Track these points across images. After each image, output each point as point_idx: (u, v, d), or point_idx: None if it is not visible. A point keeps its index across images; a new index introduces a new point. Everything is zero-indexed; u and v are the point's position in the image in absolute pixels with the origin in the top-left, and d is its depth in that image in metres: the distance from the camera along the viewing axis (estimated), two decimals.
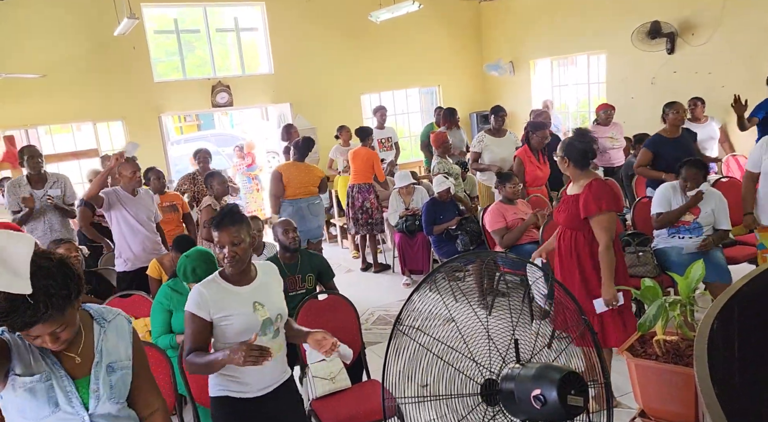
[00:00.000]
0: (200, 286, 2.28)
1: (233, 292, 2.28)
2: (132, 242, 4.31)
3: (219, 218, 2.25)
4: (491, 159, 5.95)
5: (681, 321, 2.53)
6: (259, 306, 2.29)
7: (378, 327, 4.99)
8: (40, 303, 1.46)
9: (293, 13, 8.94)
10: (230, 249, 2.21)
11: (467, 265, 4.99)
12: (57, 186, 4.73)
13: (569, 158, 3.27)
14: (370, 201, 6.43)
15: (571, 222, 3.29)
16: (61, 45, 7.72)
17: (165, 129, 8.85)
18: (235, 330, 2.24)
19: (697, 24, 6.89)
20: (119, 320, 1.76)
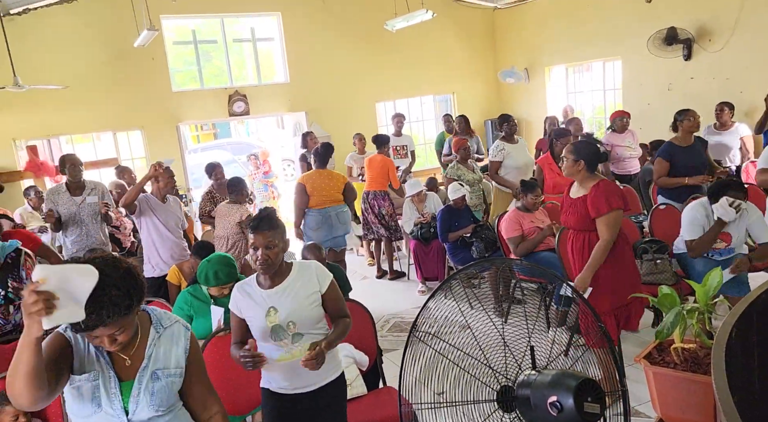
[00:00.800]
0: (237, 286, 2.44)
1: (254, 295, 2.37)
2: (161, 248, 4.42)
3: (257, 222, 2.32)
4: (513, 165, 6.00)
5: (699, 329, 2.51)
6: (273, 312, 2.33)
7: (393, 334, 5.00)
8: (104, 310, 1.52)
9: (309, 23, 9.03)
10: (263, 252, 2.28)
11: (483, 272, 4.98)
12: (94, 193, 4.83)
13: (584, 161, 3.28)
14: (386, 208, 6.46)
15: (581, 224, 3.33)
16: (83, 57, 7.88)
17: (183, 138, 8.97)
18: (254, 330, 2.37)
19: (714, 30, 6.84)
20: (176, 327, 1.80)
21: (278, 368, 2.38)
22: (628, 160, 6.57)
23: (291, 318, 2.34)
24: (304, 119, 9.21)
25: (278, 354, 2.36)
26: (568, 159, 3.35)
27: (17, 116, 7.58)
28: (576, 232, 3.41)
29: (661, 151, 5.07)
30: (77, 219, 4.73)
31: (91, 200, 4.81)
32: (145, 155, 8.49)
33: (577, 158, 3.31)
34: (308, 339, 2.35)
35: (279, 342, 2.33)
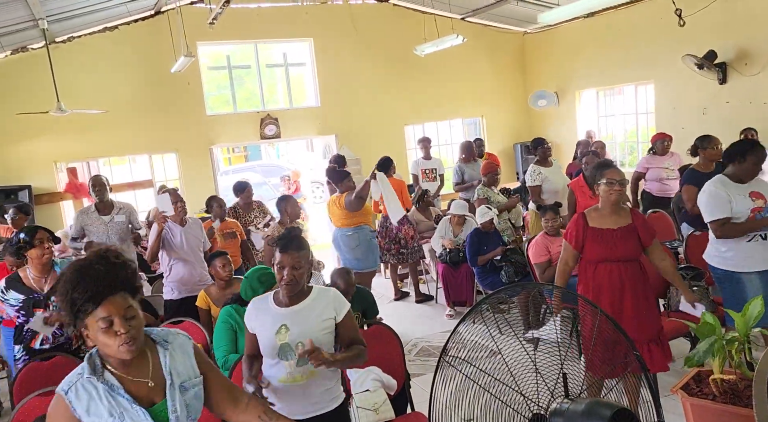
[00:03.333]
0: (253, 301, 2.47)
1: (269, 310, 2.38)
2: (180, 271, 4.44)
3: (286, 241, 2.34)
4: (552, 189, 5.98)
5: (739, 360, 2.43)
6: (284, 330, 2.32)
7: (421, 359, 4.95)
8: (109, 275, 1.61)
9: (340, 48, 9.21)
10: (290, 272, 2.29)
11: (513, 297, 4.92)
12: (122, 213, 4.98)
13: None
14: (404, 231, 6.44)
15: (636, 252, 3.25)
16: (122, 82, 8.16)
17: (215, 160, 9.16)
18: (261, 345, 2.37)
19: (751, 53, 6.73)
20: (181, 339, 1.80)
21: (279, 391, 2.34)
22: (666, 181, 6.44)
23: (301, 338, 2.30)
24: (334, 142, 9.33)
25: (281, 375, 2.34)
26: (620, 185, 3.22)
27: (59, 139, 7.87)
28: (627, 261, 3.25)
29: (688, 178, 4.92)
30: (106, 239, 4.88)
31: (119, 219, 4.96)
32: (178, 177, 8.69)
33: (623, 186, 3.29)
34: (312, 370, 2.32)
35: (284, 362, 2.32)
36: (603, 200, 3.26)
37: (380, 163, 6.43)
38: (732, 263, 3.57)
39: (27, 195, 7.43)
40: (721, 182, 3.52)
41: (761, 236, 3.47)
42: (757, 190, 3.48)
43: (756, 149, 3.47)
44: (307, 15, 9.03)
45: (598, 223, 3.26)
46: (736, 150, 3.50)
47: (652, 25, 7.77)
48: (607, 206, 3.25)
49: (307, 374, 2.34)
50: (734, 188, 3.47)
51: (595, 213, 3.30)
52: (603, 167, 3.27)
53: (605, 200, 3.24)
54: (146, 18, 8.18)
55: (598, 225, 3.25)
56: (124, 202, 5.26)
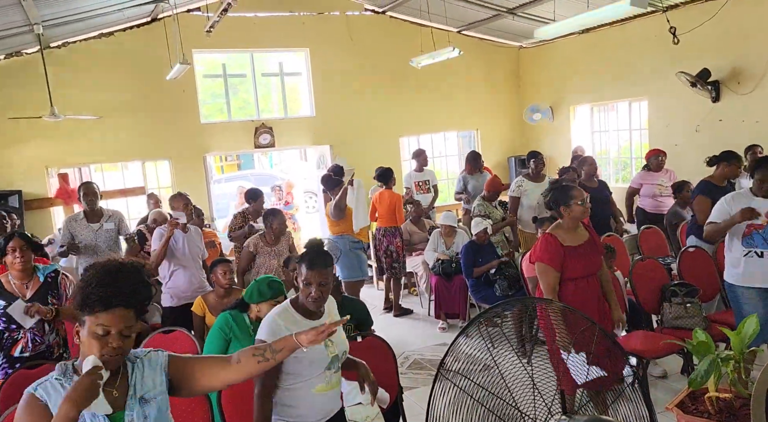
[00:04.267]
0: (275, 315, 2.34)
1: (307, 324, 2.30)
2: (180, 278, 4.43)
3: (312, 257, 2.32)
4: (529, 204, 5.96)
5: (735, 378, 2.41)
6: (330, 343, 2.33)
7: (413, 372, 4.91)
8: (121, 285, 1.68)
9: (336, 59, 9.23)
10: (317, 289, 2.28)
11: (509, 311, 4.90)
12: (111, 220, 4.96)
13: None
14: (395, 245, 6.44)
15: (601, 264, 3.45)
16: (117, 88, 8.12)
17: (209, 168, 9.12)
18: (307, 363, 2.30)
19: (743, 72, 6.81)
20: (151, 354, 1.85)
21: (302, 399, 2.34)
22: (660, 198, 6.47)
23: (343, 348, 2.40)
24: (329, 152, 9.32)
25: (318, 385, 2.35)
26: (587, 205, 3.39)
27: (51, 144, 7.80)
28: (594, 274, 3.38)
29: (702, 189, 4.88)
30: (94, 246, 4.85)
31: (108, 226, 4.94)
32: (171, 185, 8.63)
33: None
34: (339, 368, 2.41)
35: (328, 372, 2.35)
36: (572, 218, 3.34)
37: (380, 173, 6.51)
38: (734, 276, 3.68)
39: (17, 200, 7.34)
40: (737, 196, 3.69)
41: (756, 253, 3.50)
42: (762, 208, 3.52)
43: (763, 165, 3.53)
44: (304, 25, 9.05)
45: (567, 241, 3.32)
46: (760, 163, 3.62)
47: (646, 43, 7.85)
48: (573, 224, 3.36)
49: (337, 377, 2.41)
50: (743, 203, 3.56)
51: (560, 231, 3.36)
52: (570, 189, 3.37)
53: (575, 218, 3.35)
54: (142, 25, 8.16)
55: (569, 243, 3.32)
56: (113, 209, 5.24)
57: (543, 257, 3.30)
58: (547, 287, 3.30)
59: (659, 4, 7.01)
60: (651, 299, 4.33)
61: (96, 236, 4.90)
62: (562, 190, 3.38)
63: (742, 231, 3.57)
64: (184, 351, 3.58)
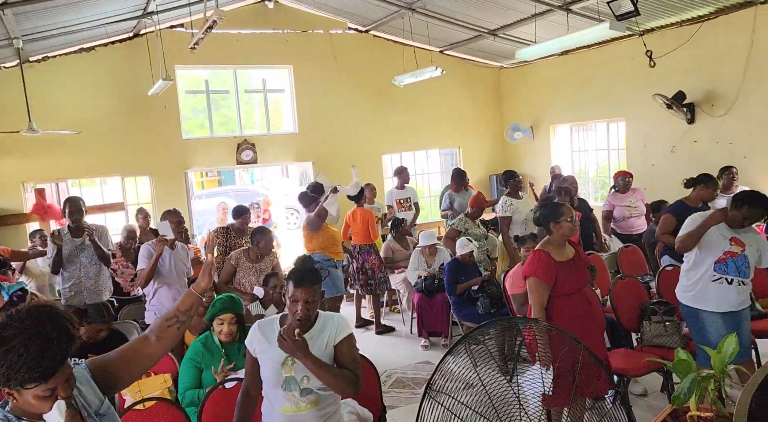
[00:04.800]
0: (258, 323, 2.41)
1: (274, 339, 2.30)
2: (165, 295, 4.38)
3: (300, 274, 2.30)
4: (520, 220, 6.09)
5: (715, 397, 2.44)
6: (290, 362, 2.28)
7: (396, 390, 4.87)
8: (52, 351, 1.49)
9: (319, 76, 9.28)
10: (304, 307, 2.26)
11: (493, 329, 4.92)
12: (95, 235, 4.89)
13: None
14: (371, 262, 6.44)
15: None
16: (97, 103, 8.05)
17: (190, 184, 9.05)
18: (265, 375, 2.32)
19: (717, 95, 7.00)
20: (77, 371, 1.73)
21: (277, 417, 2.32)
22: (630, 220, 6.58)
23: (307, 372, 2.28)
24: (311, 169, 9.32)
25: (283, 404, 2.30)
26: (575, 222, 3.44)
27: (28, 159, 7.68)
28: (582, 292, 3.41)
29: (673, 208, 4.99)
30: (76, 260, 4.77)
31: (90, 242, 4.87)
32: (151, 200, 8.54)
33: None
34: (317, 397, 2.31)
35: (289, 393, 2.29)
36: (561, 235, 3.39)
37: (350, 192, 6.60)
38: (694, 299, 3.66)
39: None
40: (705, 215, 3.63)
41: (727, 280, 3.55)
42: (741, 238, 3.54)
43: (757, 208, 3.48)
44: (288, 43, 9.10)
45: (558, 257, 3.36)
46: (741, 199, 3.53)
47: (624, 65, 8.04)
48: (562, 240, 3.41)
49: (310, 403, 2.31)
50: (719, 227, 3.55)
51: (551, 247, 3.40)
52: (559, 207, 3.44)
53: (563, 235, 3.40)
54: (125, 40, 8.13)
55: (559, 258, 3.36)
56: (96, 224, 5.16)
57: (536, 271, 3.31)
58: (537, 302, 3.30)
59: (636, 28, 7.20)
60: (631, 317, 4.37)
61: (78, 251, 4.83)
62: (552, 207, 3.45)
63: (717, 256, 3.56)
64: (163, 370, 3.52)
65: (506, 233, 6.16)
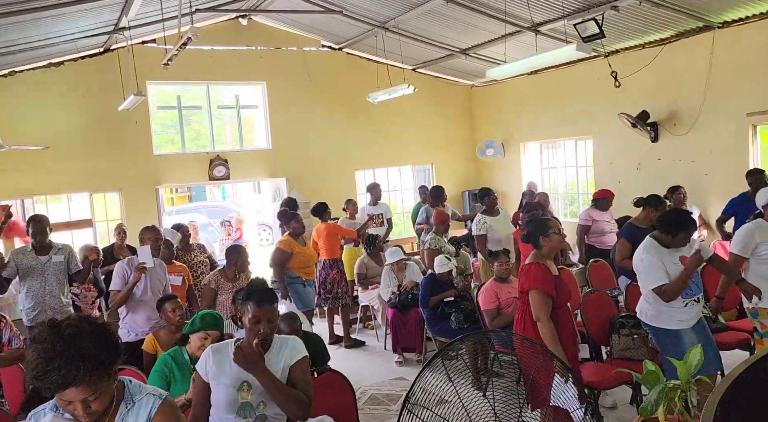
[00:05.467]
0: (211, 347, 2.35)
1: (229, 363, 2.28)
2: (138, 312, 4.30)
3: (261, 295, 2.29)
4: (495, 238, 6.14)
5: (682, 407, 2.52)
6: (246, 387, 2.25)
7: (370, 407, 4.85)
8: (73, 364, 1.47)
9: (292, 93, 9.31)
10: (267, 326, 2.25)
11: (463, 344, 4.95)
12: (60, 254, 4.80)
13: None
14: (332, 276, 6.53)
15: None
16: (65, 119, 7.93)
17: (161, 201, 8.93)
18: (218, 400, 2.26)
19: (680, 114, 7.26)
20: (146, 399, 1.71)
21: None
22: (608, 234, 6.73)
23: (264, 397, 2.26)
24: (285, 185, 9.30)
25: None
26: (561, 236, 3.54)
27: None
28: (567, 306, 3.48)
29: (624, 232, 5.18)
30: (41, 275, 4.67)
31: (57, 259, 4.80)
32: (120, 217, 8.39)
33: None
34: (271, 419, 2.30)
35: (242, 420, 2.26)
36: (551, 248, 3.49)
37: (314, 208, 6.77)
38: (668, 322, 3.65)
39: None
40: (654, 249, 3.60)
41: (694, 299, 3.65)
42: (684, 254, 3.61)
43: (688, 227, 3.55)
44: (261, 59, 9.12)
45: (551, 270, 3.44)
46: (670, 223, 3.57)
47: (590, 85, 8.28)
48: (551, 253, 3.50)
49: None
50: (665, 255, 3.57)
51: (543, 261, 3.47)
52: (547, 221, 3.56)
53: (553, 248, 3.50)
54: (95, 55, 8.04)
55: (552, 272, 3.44)
56: (62, 243, 5.05)
57: (539, 284, 3.32)
58: (544, 316, 3.28)
59: (602, 49, 7.43)
60: (600, 330, 4.46)
61: (44, 269, 4.70)
62: (540, 223, 3.54)
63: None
64: None
65: (482, 250, 6.24)
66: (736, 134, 6.67)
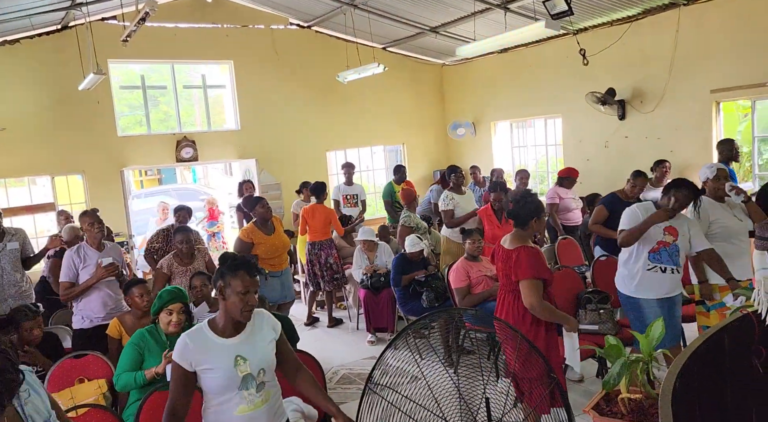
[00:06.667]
0: (186, 335, 2.30)
1: (217, 344, 2.28)
2: (93, 298, 4.17)
3: (247, 266, 2.29)
4: (461, 215, 6.16)
5: (644, 379, 2.57)
6: (241, 361, 2.26)
7: (342, 386, 4.88)
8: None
9: (261, 72, 9.13)
10: (252, 297, 2.25)
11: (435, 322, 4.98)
12: (15, 240, 4.66)
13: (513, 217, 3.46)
14: (334, 256, 6.43)
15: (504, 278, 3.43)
16: (23, 99, 7.64)
17: (127, 183, 8.72)
18: (216, 383, 2.25)
19: (646, 92, 7.34)
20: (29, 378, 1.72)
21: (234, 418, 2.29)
22: (574, 211, 6.84)
23: (261, 365, 2.31)
24: (254, 166, 9.17)
25: (240, 406, 2.28)
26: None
27: None
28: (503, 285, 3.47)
29: (605, 200, 5.26)
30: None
31: (12, 246, 4.67)
32: (85, 200, 8.18)
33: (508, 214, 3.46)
34: (269, 387, 2.34)
35: (245, 392, 2.27)
36: (537, 230, 3.44)
37: (314, 187, 6.57)
38: (633, 289, 3.78)
39: None
40: (644, 208, 3.73)
41: (660, 268, 3.70)
42: (675, 226, 3.67)
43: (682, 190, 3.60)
44: (228, 37, 8.90)
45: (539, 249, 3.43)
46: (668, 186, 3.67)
47: (559, 63, 8.30)
48: (531, 235, 3.43)
49: (264, 399, 2.32)
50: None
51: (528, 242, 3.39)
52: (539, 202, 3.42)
53: (539, 230, 3.50)
54: (52, 32, 7.74)
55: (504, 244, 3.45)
56: (15, 227, 4.90)
57: (539, 271, 3.21)
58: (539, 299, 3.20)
59: (570, 27, 7.44)
60: (567, 306, 4.53)
61: (0, 258, 4.56)
62: (537, 203, 3.39)
63: (651, 246, 3.70)
64: (98, 376, 3.40)
65: (450, 223, 6.25)
66: (701, 110, 6.78)
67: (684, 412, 1.77)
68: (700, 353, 1.94)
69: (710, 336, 2.00)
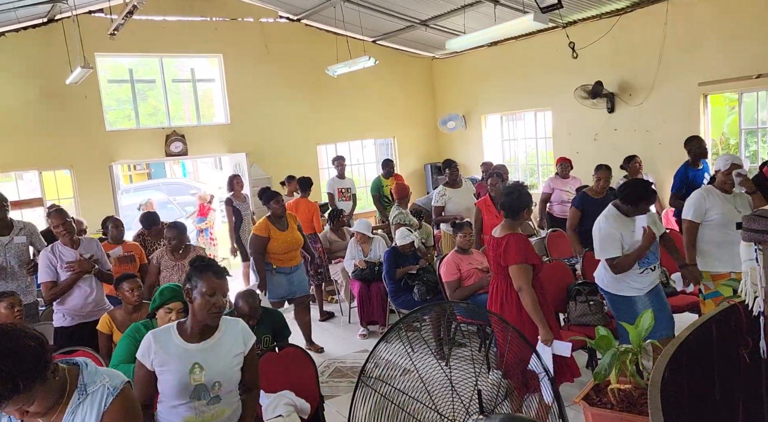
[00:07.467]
0: (151, 334, 2.26)
1: (179, 347, 2.22)
2: (73, 296, 4.08)
3: (215, 268, 2.25)
4: (455, 210, 6.14)
5: (633, 370, 2.61)
6: (198, 369, 2.20)
7: (334, 380, 4.89)
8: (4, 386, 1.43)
9: (251, 66, 9.08)
10: (220, 299, 2.20)
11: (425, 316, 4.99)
12: (23, 233, 4.50)
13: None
14: (319, 251, 6.43)
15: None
16: (9, 93, 7.56)
17: (116, 178, 8.66)
18: (169, 385, 2.19)
19: (635, 86, 7.38)
20: (100, 391, 1.64)
21: None
22: (567, 203, 6.85)
23: (218, 377, 2.22)
24: (245, 160, 9.13)
25: (186, 415, 2.21)
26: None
27: None
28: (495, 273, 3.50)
29: (576, 201, 5.38)
30: (3, 261, 4.40)
31: (19, 240, 4.50)
32: (73, 195, 8.12)
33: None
34: (224, 404, 2.25)
35: (196, 402, 2.20)
36: (525, 220, 3.50)
37: (302, 181, 6.61)
38: (624, 289, 3.73)
39: None
40: (613, 219, 3.66)
41: (650, 268, 3.72)
42: (646, 226, 3.64)
43: (649, 196, 3.63)
44: (217, 31, 8.84)
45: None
46: (632, 194, 3.63)
47: (549, 57, 8.32)
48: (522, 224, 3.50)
49: (216, 413, 2.24)
50: (624, 224, 3.63)
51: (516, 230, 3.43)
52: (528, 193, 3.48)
53: (526, 219, 3.55)
54: (38, 26, 7.65)
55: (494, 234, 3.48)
56: (25, 221, 4.76)
57: (527, 256, 3.28)
58: (527, 284, 3.26)
59: (560, 20, 7.46)
60: (558, 298, 4.57)
61: (6, 251, 4.40)
62: (526, 194, 3.45)
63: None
64: None
65: (438, 219, 6.27)
66: (689, 103, 6.83)
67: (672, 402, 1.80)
68: (689, 343, 1.97)
69: (698, 327, 2.03)
